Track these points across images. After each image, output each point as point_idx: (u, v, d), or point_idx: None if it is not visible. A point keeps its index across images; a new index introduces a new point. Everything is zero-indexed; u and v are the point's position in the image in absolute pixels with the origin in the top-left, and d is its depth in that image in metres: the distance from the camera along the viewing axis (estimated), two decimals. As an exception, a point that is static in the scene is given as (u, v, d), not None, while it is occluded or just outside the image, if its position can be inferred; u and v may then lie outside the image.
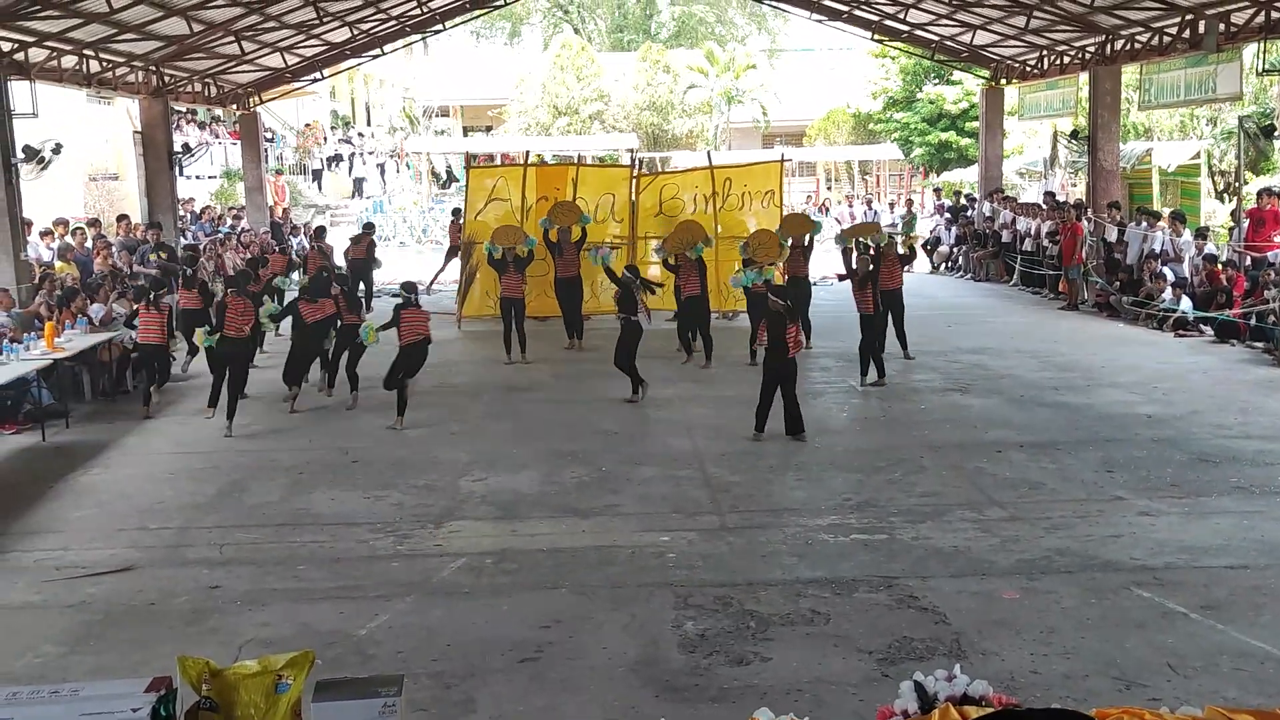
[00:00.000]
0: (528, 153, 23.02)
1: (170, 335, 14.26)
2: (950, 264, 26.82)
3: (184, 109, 29.99)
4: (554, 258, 17.01)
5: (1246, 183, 22.43)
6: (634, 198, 19.55)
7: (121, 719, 2.49)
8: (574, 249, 16.90)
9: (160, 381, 13.72)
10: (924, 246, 27.85)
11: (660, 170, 30.94)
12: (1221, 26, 16.56)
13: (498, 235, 16.53)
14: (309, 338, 13.40)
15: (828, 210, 34.23)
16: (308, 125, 40.83)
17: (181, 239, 22.12)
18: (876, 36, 27.30)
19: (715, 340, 15.49)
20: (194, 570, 8.40)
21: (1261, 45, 16.60)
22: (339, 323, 13.51)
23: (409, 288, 12.76)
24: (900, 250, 15.58)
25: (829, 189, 41.05)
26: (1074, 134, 24.37)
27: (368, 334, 12.70)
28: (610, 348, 13.80)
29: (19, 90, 15.78)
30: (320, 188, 38.79)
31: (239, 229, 24.88)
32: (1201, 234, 19.10)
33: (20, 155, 15.86)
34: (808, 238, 16.47)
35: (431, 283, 22.06)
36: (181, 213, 23.85)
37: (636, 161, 23.59)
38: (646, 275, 18.19)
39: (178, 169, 23.56)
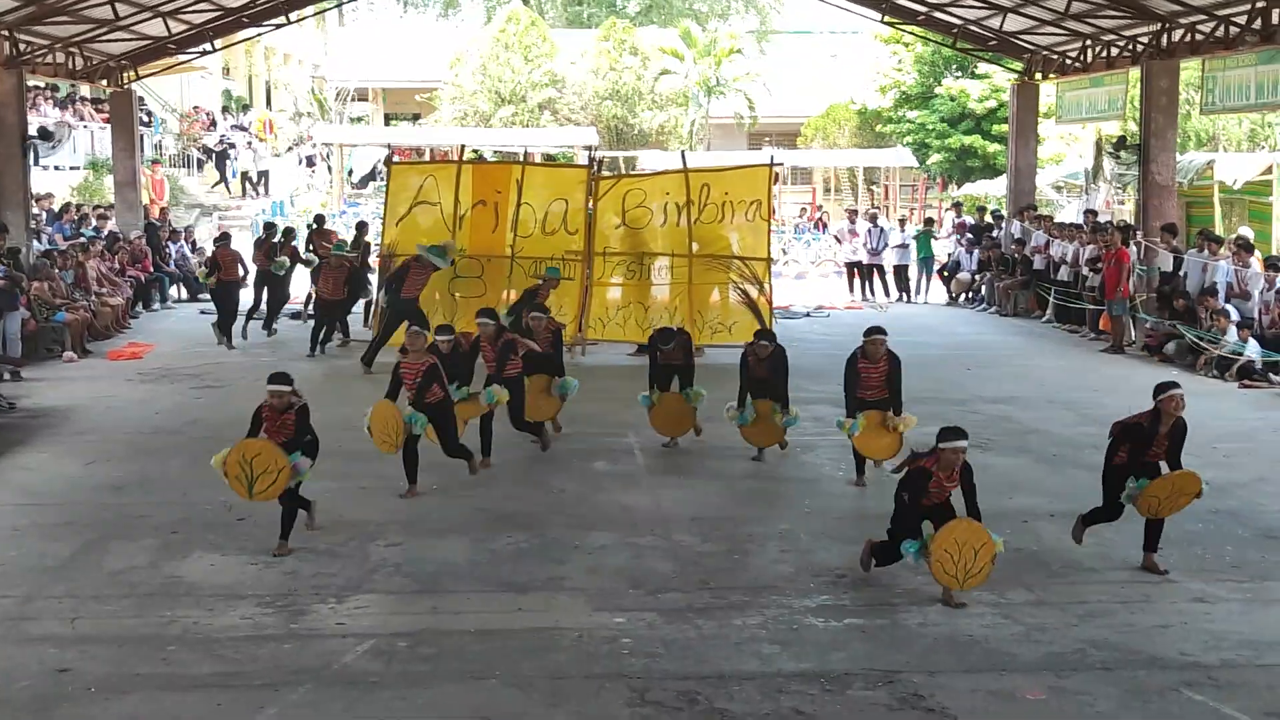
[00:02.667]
0: (463, 147, 23.12)
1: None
2: (971, 294, 27.04)
3: (43, 84, 29.84)
4: None
5: (1327, 204, 22.76)
6: (591, 205, 19.62)
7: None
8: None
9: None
10: (941, 272, 28.10)
11: (624, 173, 31.09)
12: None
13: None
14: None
15: (825, 227, 34.51)
16: (195, 108, 40.80)
17: (35, 243, 22.01)
18: (888, 18, 27.62)
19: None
20: (39, 649, 8.30)
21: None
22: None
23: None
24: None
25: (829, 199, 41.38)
26: (1121, 141, 24.73)
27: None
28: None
29: None
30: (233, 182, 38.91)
31: (105, 231, 24.78)
32: (1273, 264, 19.31)
33: None
34: None
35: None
36: (36, 211, 23.70)
37: (595, 161, 23.68)
38: (605, 297, 18.45)
39: (32, 157, 23.44)
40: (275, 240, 21.45)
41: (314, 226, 24.41)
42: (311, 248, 23.07)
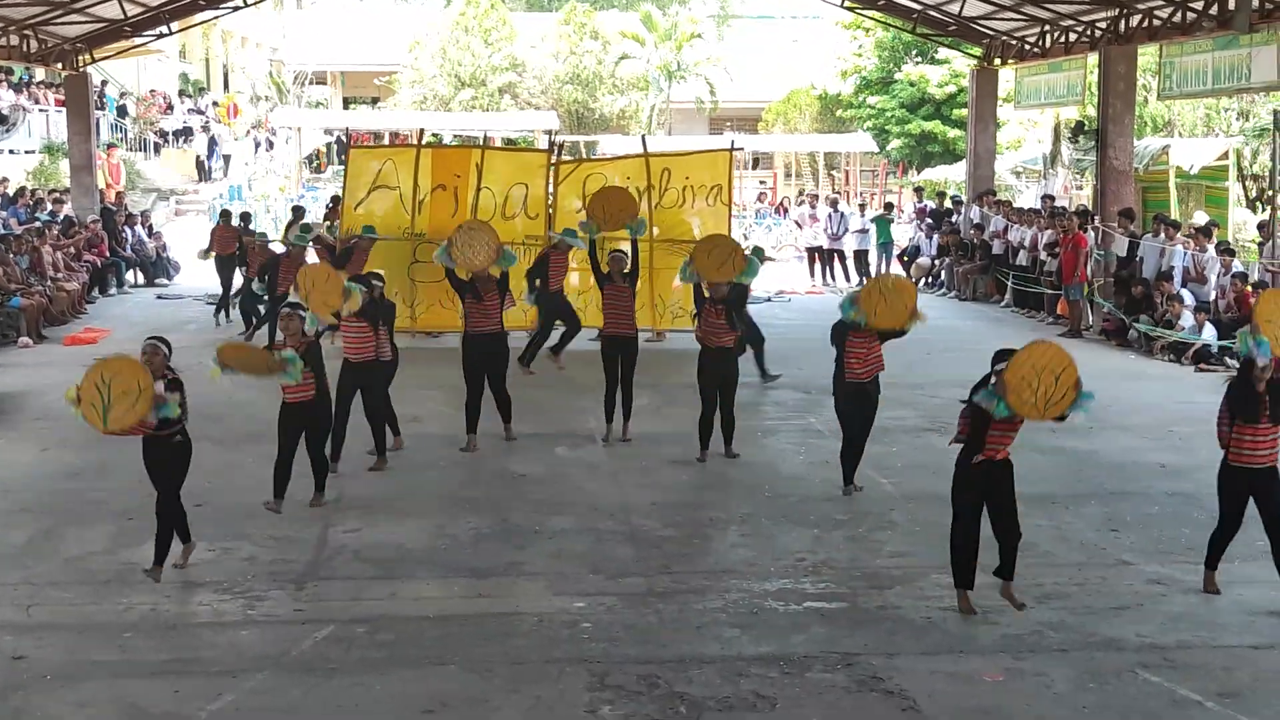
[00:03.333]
0: (422, 131, 23.04)
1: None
2: (931, 279, 27.11)
3: (-4, 66, 29.55)
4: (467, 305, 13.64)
5: (1282, 190, 22.93)
6: (552, 190, 19.56)
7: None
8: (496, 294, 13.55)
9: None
10: (900, 257, 28.17)
11: (585, 157, 31.03)
12: (1256, 2, 16.89)
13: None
14: None
15: (786, 211, 34.55)
16: (151, 92, 40.46)
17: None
18: (848, 3, 27.65)
19: (645, 363, 15.36)
20: (-7, 636, 8.26)
21: (1302, 26, 17.00)
22: None
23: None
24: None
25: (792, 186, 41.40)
26: (1080, 127, 24.83)
27: None
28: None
29: None
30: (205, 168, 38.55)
31: (61, 216, 24.57)
32: (1229, 249, 19.47)
33: None
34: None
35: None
36: (-10, 194, 23.51)
37: (556, 146, 23.59)
38: (566, 282, 18.27)
39: (-14, 141, 23.27)
40: (304, 222, 21.05)
41: (330, 207, 23.86)
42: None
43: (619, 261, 13.66)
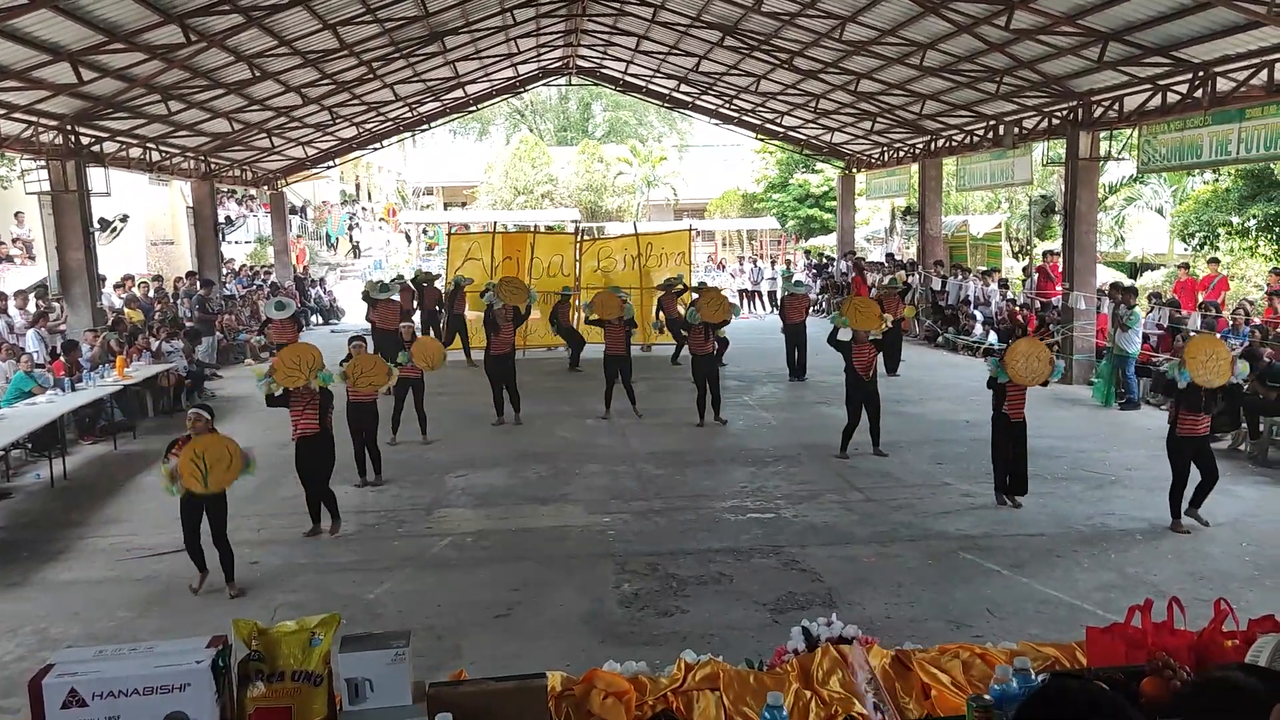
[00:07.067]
0: (495, 223, 22.91)
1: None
2: (815, 308, 27.00)
3: (226, 189, 29.35)
4: (489, 336, 12.97)
5: (1035, 246, 22.95)
6: (578, 258, 19.53)
7: (188, 669, 2.41)
8: (511, 328, 13.02)
9: None
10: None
11: (597, 237, 30.90)
12: (1016, 130, 16.95)
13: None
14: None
15: (724, 266, 34.46)
16: (324, 202, 40.24)
17: (224, 289, 21.71)
18: (759, 136, 27.60)
19: (642, 366, 15.33)
20: (238, 549, 8.12)
21: (1046, 144, 17.02)
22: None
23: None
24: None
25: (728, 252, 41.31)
26: (907, 210, 24.79)
27: None
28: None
29: (95, 174, 15.38)
30: (348, 251, 38.17)
31: (269, 282, 24.48)
32: (1003, 284, 19.48)
33: (96, 225, 15.48)
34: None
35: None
36: (224, 270, 23.39)
37: (579, 230, 23.50)
38: (577, 321, 18.09)
39: (221, 236, 23.10)
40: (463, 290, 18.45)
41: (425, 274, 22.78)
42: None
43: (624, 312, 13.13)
